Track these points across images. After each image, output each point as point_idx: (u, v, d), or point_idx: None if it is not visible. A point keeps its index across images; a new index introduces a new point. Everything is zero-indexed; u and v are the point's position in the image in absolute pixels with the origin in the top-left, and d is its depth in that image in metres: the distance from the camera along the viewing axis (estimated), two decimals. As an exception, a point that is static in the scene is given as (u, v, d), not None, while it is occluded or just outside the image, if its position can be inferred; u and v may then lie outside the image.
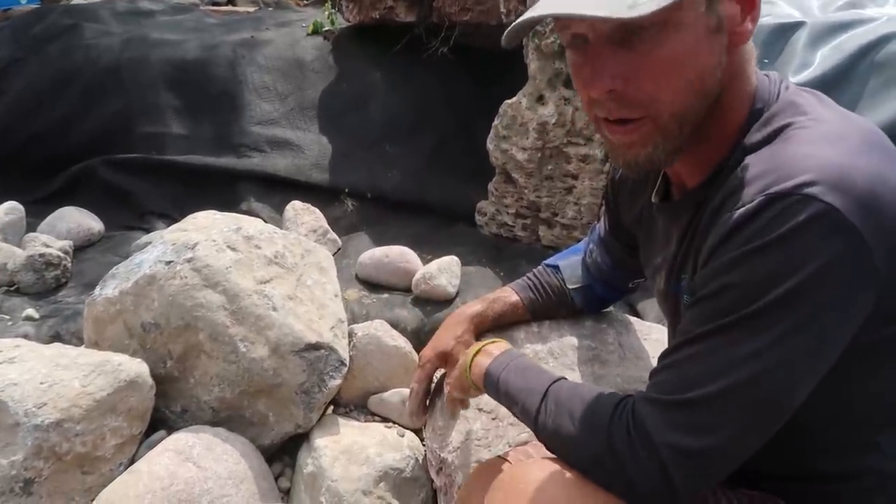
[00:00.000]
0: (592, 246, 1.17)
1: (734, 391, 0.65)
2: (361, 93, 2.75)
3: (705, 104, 0.71)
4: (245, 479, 1.26)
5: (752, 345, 0.64)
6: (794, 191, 0.61)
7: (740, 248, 0.64)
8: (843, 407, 0.73)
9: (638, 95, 0.69)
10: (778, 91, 0.74)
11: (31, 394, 1.18)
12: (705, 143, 0.75)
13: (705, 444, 0.67)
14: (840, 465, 0.76)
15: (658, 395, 0.70)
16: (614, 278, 1.18)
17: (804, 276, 0.61)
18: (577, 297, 1.23)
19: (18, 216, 2.12)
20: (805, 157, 0.64)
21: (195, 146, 2.62)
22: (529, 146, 2.14)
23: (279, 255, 1.51)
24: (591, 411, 0.76)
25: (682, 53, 0.67)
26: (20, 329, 1.62)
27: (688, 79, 0.68)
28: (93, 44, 2.90)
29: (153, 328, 1.36)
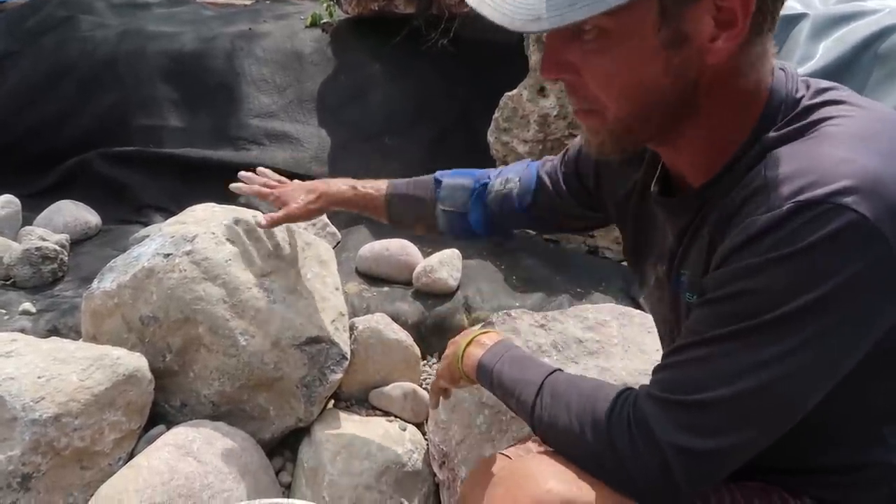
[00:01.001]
0: (514, 177, 1.13)
1: (745, 396, 0.64)
2: (360, 85, 2.73)
3: (662, 110, 0.69)
4: (246, 474, 1.24)
5: (768, 352, 0.63)
6: (826, 199, 0.59)
7: (765, 255, 0.61)
8: (852, 403, 0.71)
9: (586, 89, 0.69)
10: (796, 86, 0.71)
11: (28, 388, 1.17)
12: (699, 142, 0.72)
13: (711, 445, 0.66)
14: (844, 458, 0.75)
15: (663, 393, 0.68)
16: (511, 218, 1.15)
17: (830, 288, 0.60)
18: (442, 218, 1.20)
19: (14, 210, 2.11)
20: (839, 163, 0.61)
21: (193, 139, 2.60)
22: (530, 138, 2.12)
23: (279, 248, 1.49)
24: (589, 405, 0.75)
25: (621, 66, 0.66)
26: (17, 323, 1.61)
27: (628, 91, 0.67)
28: (88, 36, 2.87)
29: (152, 321, 1.34)
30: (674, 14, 0.63)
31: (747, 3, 0.61)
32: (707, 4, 0.62)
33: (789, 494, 0.78)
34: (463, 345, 0.99)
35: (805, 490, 0.77)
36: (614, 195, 0.97)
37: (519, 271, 1.97)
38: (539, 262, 2.03)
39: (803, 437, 0.74)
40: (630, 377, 1.26)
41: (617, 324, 1.40)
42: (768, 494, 0.78)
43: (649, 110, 0.69)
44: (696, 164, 0.75)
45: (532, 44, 2.12)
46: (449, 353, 1.05)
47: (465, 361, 0.98)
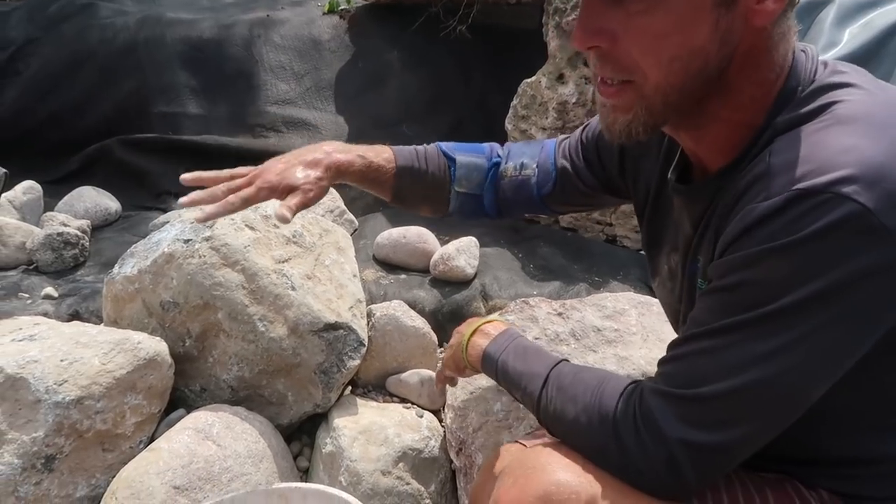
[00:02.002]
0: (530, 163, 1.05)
1: (749, 389, 0.63)
2: (378, 72, 2.72)
3: (698, 84, 0.67)
4: (264, 458, 1.26)
5: (768, 344, 0.62)
6: (826, 188, 0.57)
7: (763, 245, 0.60)
8: (868, 396, 0.70)
9: (623, 58, 0.66)
10: (815, 68, 0.70)
11: (51, 371, 1.18)
12: (719, 125, 0.71)
13: (718, 438, 0.66)
14: (861, 450, 0.74)
15: (669, 387, 0.68)
16: (524, 204, 1.08)
17: (830, 279, 0.58)
18: (454, 200, 1.07)
19: (36, 195, 2.13)
20: (842, 151, 0.59)
21: (211, 126, 2.61)
22: (549, 126, 2.11)
23: (297, 235, 1.49)
24: (595, 400, 0.74)
25: (673, 25, 0.63)
26: (39, 307, 1.63)
27: (675, 54, 0.64)
28: (108, 23, 2.88)
29: (172, 307, 1.36)
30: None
31: None
32: None
33: (804, 486, 0.77)
34: (467, 334, 0.99)
35: (821, 482, 0.76)
36: (636, 184, 0.96)
37: (536, 259, 1.96)
38: (557, 250, 2.02)
39: (820, 429, 0.73)
40: (649, 366, 1.25)
41: (636, 312, 1.39)
42: (782, 485, 0.77)
43: (691, 79, 0.66)
44: (717, 148, 0.74)
45: (551, 30, 2.10)
46: (454, 342, 1.05)
47: (470, 351, 0.98)
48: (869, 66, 2.04)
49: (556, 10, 2.06)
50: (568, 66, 2.07)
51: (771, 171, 0.62)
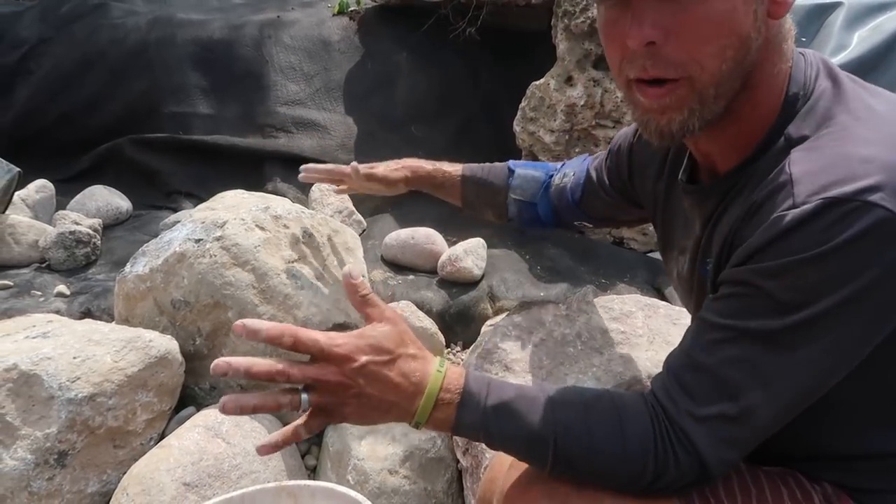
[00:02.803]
0: (569, 171, 1.18)
1: (783, 396, 0.65)
2: (387, 73, 2.73)
3: (742, 74, 0.68)
4: (273, 456, 1.27)
5: (806, 351, 0.63)
6: (854, 196, 0.59)
7: (796, 255, 0.61)
8: (869, 389, 0.71)
9: (677, 53, 0.65)
10: (816, 74, 0.71)
11: (64, 368, 1.20)
12: (738, 122, 0.72)
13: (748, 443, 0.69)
14: (866, 445, 0.75)
15: (701, 408, 0.67)
16: (567, 212, 1.20)
17: (861, 285, 0.60)
18: (513, 206, 1.26)
19: (49, 194, 2.15)
20: (864, 160, 0.61)
21: (221, 126, 2.63)
22: (557, 128, 2.11)
23: (307, 235, 1.51)
24: (621, 447, 0.69)
25: (725, 13, 0.64)
26: (52, 305, 1.65)
27: (728, 42, 0.65)
28: (119, 24, 2.90)
29: (183, 305, 1.37)
30: None
31: None
32: None
33: (807, 479, 0.78)
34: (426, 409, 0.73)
35: (824, 476, 0.77)
36: (645, 190, 0.98)
37: (544, 261, 1.97)
38: (564, 252, 2.02)
39: (824, 425, 0.75)
40: (654, 368, 1.26)
41: (642, 315, 1.40)
42: (784, 478, 0.78)
43: (739, 68, 0.67)
44: (732, 147, 0.75)
45: (560, 32, 2.10)
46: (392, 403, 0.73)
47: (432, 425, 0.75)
48: (878, 70, 2.05)
49: (566, 12, 2.07)
50: (577, 69, 2.07)
51: (794, 181, 0.63)
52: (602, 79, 2.04)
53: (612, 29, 0.69)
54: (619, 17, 0.68)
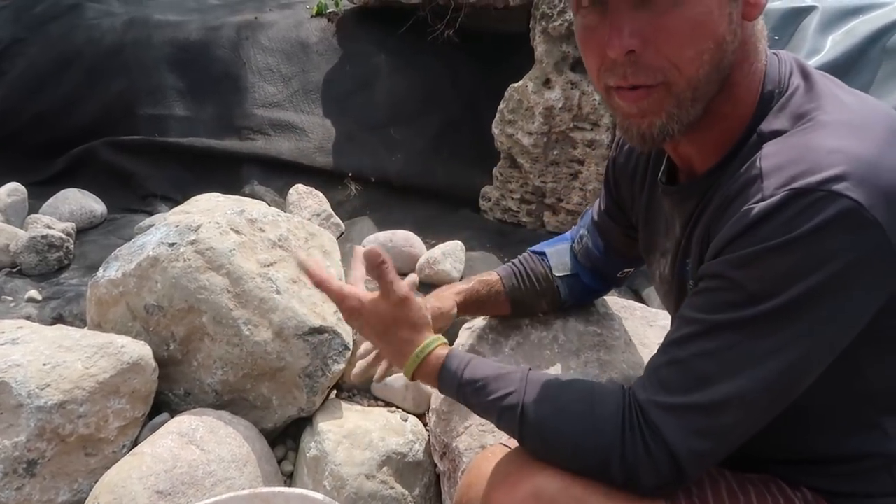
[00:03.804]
0: (584, 231, 1.14)
1: (754, 387, 0.65)
2: (366, 76, 2.72)
3: (719, 77, 0.69)
4: (248, 462, 1.26)
5: (773, 341, 0.64)
6: (819, 186, 0.60)
7: (762, 244, 0.62)
8: (846, 390, 0.72)
9: (656, 59, 0.66)
10: (790, 72, 0.72)
11: (34, 375, 1.18)
12: (716, 123, 0.73)
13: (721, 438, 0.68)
14: (844, 448, 0.75)
15: (672, 398, 0.68)
16: (604, 265, 1.15)
17: (827, 274, 0.60)
18: (562, 286, 1.18)
19: (21, 197, 2.12)
20: (831, 151, 0.62)
21: (198, 128, 2.61)
22: (535, 131, 2.12)
23: (283, 239, 1.50)
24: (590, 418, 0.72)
25: (701, 18, 0.65)
26: (23, 311, 1.62)
27: (705, 46, 0.66)
28: (95, 24, 2.88)
29: (156, 310, 1.35)
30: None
31: None
32: None
33: (788, 485, 0.78)
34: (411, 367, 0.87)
35: (804, 480, 0.78)
36: (630, 197, 0.99)
37: (522, 263, 1.97)
38: (542, 254, 2.03)
39: (803, 429, 0.75)
40: (631, 370, 1.26)
41: (619, 317, 1.40)
42: (766, 484, 0.79)
43: (716, 70, 0.68)
44: (711, 147, 0.75)
45: (538, 35, 2.11)
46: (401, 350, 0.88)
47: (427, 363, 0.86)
48: (850, 74, 2.08)
49: (543, 15, 2.08)
50: (554, 72, 2.08)
51: (763, 174, 0.64)
52: (580, 81, 2.05)
53: (589, 37, 0.70)
54: (597, 24, 0.68)
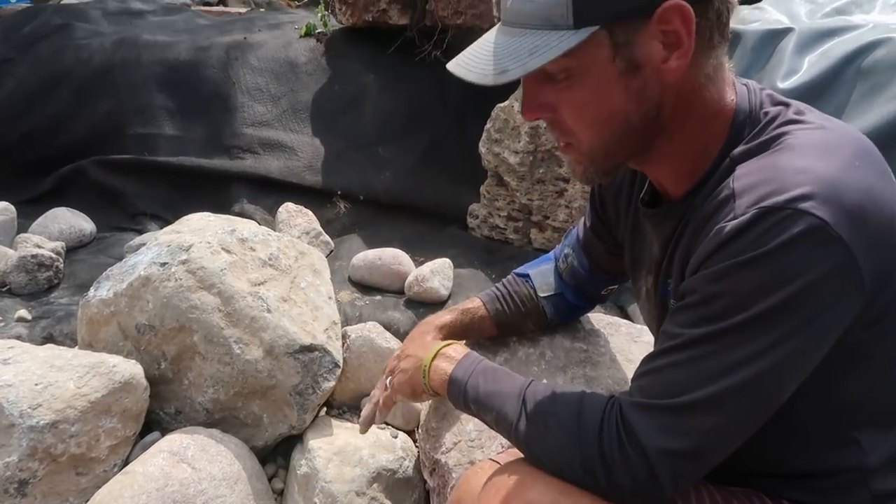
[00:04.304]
0: (568, 250, 1.17)
1: (723, 396, 0.68)
2: (354, 95, 2.76)
3: (633, 132, 0.74)
4: (239, 480, 1.27)
5: (743, 352, 0.66)
6: (786, 205, 0.63)
7: (733, 259, 0.65)
8: (822, 405, 0.75)
9: (562, 125, 0.76)
10: (760, 102, 0.77)
11: (26, 395, 1.19)
12: (674, 160, 0.78)
13: (692, 444, 0.70)
14: (822, 462, 0.78)
15: (647, 399, 0.72)
16: (589, 283, 1.18)
17: (795, 288, 0.64)
18: (547, 305, 1.21)
19: (10, 217, 2.12)
20: (798, 171, 0.65)
21: (188, 147, 2.62)
22: (521, 149, 2.16)
23: (273, 258, 1.51)
24: (574, 419, 0.77)
25: (590, 96, 0.72)
26: (13, 330, 1.62)
27: (598, 118, 0.73)
28: (84, 44, 2.89)
29: (147, 330, 1.37)
30: (624, 44, 0.69)
31: (688, 23, 0.67)
32: (652, 30, 0.68)
33: (770, 498, 0.80)
34: (428, 359, 1.00)
35: (785, 494, 0.80)
36: (616, 219, 1.03)
37: (510, 280, 2.00)
38: (529, 271, 2.06)
39: (781, 443, 0.78)
40: (616, 386, 1.28)
41: (605, 333, 1.43)
42: (749, 497, 0.81)
43: (620, 134, 0.74)
44: (676, 176, 0.80)
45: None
46: (408, 366, 1.04)
47: (433, 376, 0.98)
48: (826, 94, 2.13)
49: (528, 37, 2.12)
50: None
51: (735, 194, 0.68)
52: (564, 102, 2.09)
53: None
54: None
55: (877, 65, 2.09)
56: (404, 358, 1.08)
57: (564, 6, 0.67)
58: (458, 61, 0.76)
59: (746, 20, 2.64)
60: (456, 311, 1.20)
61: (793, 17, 2.61)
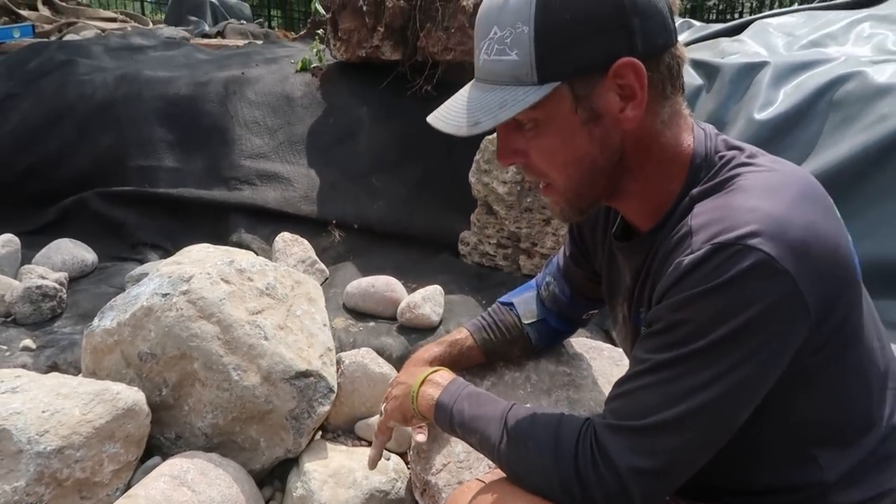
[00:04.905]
0: (549, 278, 1.24)
1: (688, 416, 0.74)
2: (348, 127, 2.84)
3: (599, 174, 0.83)
4: (237, 503, 1.32)
5: (704, 375, 0.73)
6: (736, 241, 0.70)
7: (691, 290, 0.72)
8: (779, 424, 0.81)
9: (535, 168, 0.84)
10: (715, 147, 0.85)
11: (33, 422, 1.24)
12: (640, 198, 0.86)
13: (660, 463, 0.76)
14: (781, 478, 0.84)
15: (618, 421, 0.78)
16: (570, 309, 1.24)
17: (747, 316, 0.70)
18: (532, 331, 1.28)
19: (14, 248, 2.18)
20: (747, 211, 0.73)
21: (187, 179, 2.70)
22: (509, 180, 2.24)
23: (270, 287, 1.58)
24: (552, 442, 0.83)
25: (556, 143, 0.80)
26: (18, 359, 1.67)
27: (567, 161, 0.82)
28: (87, 80, 2.98)
29: (149, 358, 1.42)
30: (584, 97, 0.78)
31: (640, 77, 0.76)
32: (609, 84, 0.77)
33: None
34: (416, 385, 1.07)
35: None
36: (594, 249, 1.10)
37: (499, 306, 2.06)
38: (518, 297, 2.12)
39: (744, 461, 0.84)
40: (598, 407, 1.34)
41: (587, 357, 1.49)
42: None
43: (589, 175, 0.83)
44: (643, 213, 0.89)
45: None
46: (398, 393, 1.12)
47: (420, 402, 1.05)
48: (801, 124, 2.22)
49: (515, 72, 2.21)
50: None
51: (693, 231, 0.76)
52: (550, 134, 2.18)
53: None
54: None
55: (847, 97, 2.18)
56: (396, 385, 1.15)
57: (529, 66, 0.76)
58: (437, 115, 0.84)
59: (726, 52, 2.74)
60: (444, 343, 1.26)
61: (770, 49, 2.71)
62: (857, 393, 0.81)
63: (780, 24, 3.02)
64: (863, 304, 0.81)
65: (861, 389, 0.82)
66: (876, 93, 2.15)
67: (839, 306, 0.75)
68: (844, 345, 0.78)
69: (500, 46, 0.77)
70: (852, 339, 0.79)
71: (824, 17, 2.98)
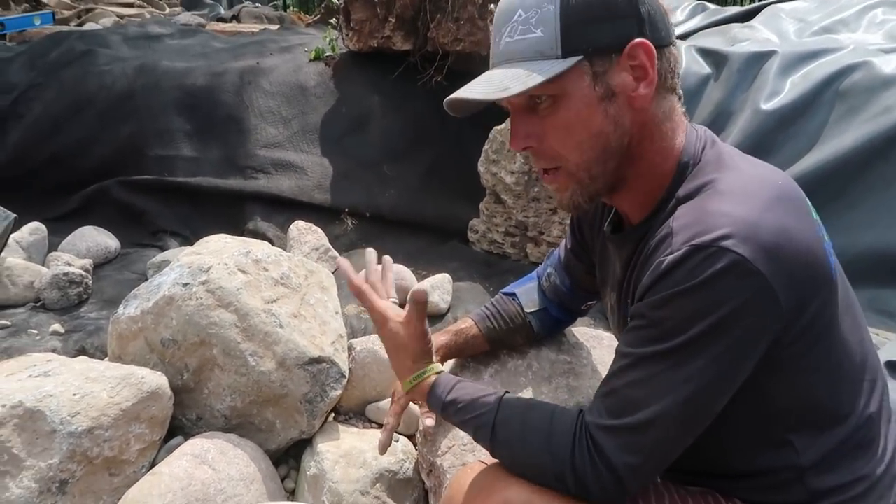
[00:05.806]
0: (551, 270, 1.29)
1: (673, 409, 0.80)
2: (360, 117, 2.89)
3: (610, 155, 0.86)
4: (255, 480, 1.39)
5: (685, 369, 0.79)
6: (712, 243, 0.76)
7: (671, 289, 0.78)
8: (756, 412, 0.87)
9: (549, 150, 0.87)
10: (703, 146, 0.89)
11: (65, 404, 1.32)
12: (635, 188, 0.91)
13: (650, 455, 0.83)
14: (761, 463, 0.89)
15: (611, 421, 0.84)
16: (571, 300, 1.30)
17: (724, 313, 0.76)
18: (534, 320, 1.33)
19: (42, 236, 2.27)
20: (722, 214, 0.78)
21: (204, 168, 2.76)
22: (517, 170, 2.28)
23: (285, 277, 1.65)
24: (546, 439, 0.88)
25: (574, 118, 0.84)
26: (49, 343, 1.76)
27: (583, 138, 0.85)
28: (107, 70, 3.05)
29: (171, 344, 1.50)
30: (601, 73, 0.83)
31: (651, 57, 0.82)
32: (623, 64, 0.83)
33: (723, 496, 0.92)
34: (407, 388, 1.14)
35: (735, 492, 0.92)
36: (592, 243, 1.16)
37: (506, 293, 2.12)
38: (525, 284, 2.18)
39: (724, 446, 0.90)
40: (596, 394, 1.40)
41: (588, 346, 1.55)
42: (704, 496, 0.93)
43: (602, 155, 0.86)
44: (636, 204, 0.93)
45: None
46: None
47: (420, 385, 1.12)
48: (807, 114, 2.24)
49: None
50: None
51: (673, 233, 0.81)
52: (557, 125, 2.22)
53: None
54: None
55: (854, 87, 2.20)
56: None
57: (554, 40, 0.81)
58: (459, 91, 0.87)
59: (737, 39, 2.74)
60: (451, 332, 1.33)
61: (781, 36, 2.71)
62: (829, 383, 0.86)
63: (792, 9, 3.02)
64: (837, 301, 0.86)
65: (834, 380, 0.86)
66: (882, 83, 2.16)
67: (812, 304, 0.80)
68: (816, 339, 0.83)
69: (525, 27, 0.82)
70: (825, 334, 0.84)
71: (837, 3, 2.97)
